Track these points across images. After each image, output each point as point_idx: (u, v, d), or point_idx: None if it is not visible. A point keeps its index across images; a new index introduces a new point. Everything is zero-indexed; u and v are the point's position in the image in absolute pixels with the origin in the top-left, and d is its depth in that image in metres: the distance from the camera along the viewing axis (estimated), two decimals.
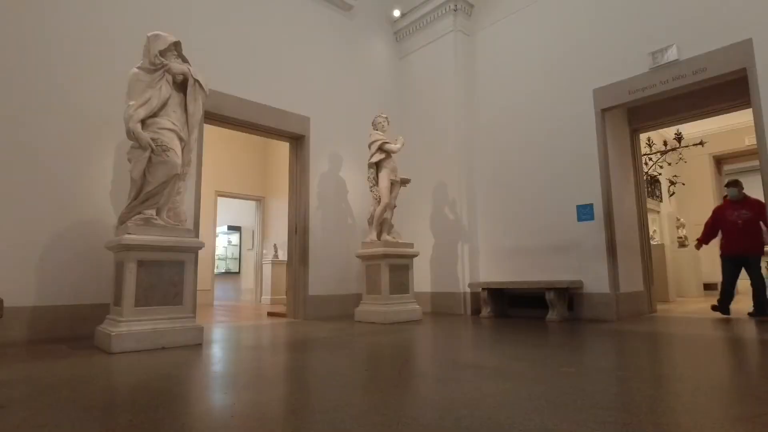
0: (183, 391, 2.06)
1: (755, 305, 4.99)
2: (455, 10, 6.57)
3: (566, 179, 5.42)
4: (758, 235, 5.12)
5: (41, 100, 4.01)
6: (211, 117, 5.05)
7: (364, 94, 6.77)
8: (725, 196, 5.55)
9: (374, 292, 5.22)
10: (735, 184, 5.39)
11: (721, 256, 5.32)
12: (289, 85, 5.87)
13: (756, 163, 6.14)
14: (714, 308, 5.25)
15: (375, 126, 5.63)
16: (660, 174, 9.47)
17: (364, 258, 5.39)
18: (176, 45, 3.74)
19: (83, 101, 4.22)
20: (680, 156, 8.64)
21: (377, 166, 5.49)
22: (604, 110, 5.21)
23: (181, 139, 3.62)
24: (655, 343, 3.30)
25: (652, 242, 7.14)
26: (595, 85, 5.27)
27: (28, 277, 3.82)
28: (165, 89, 3.56)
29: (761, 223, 5.14)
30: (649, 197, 8.32)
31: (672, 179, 9.41)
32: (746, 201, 5.29)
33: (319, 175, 6.07)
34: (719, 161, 10.02)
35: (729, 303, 5.16)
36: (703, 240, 5.71)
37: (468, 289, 6.01)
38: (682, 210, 10.00)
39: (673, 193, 9.58)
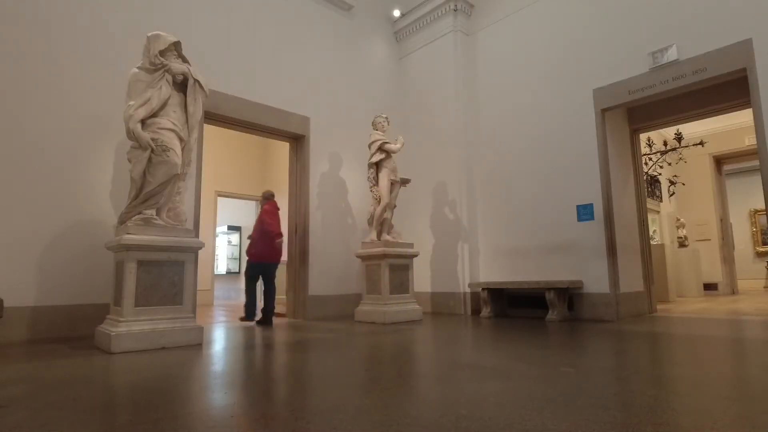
0: (183, 390, 2.06)
1: (263, 313, 5.09)
2: (455, 10, 6.56)
3: (566, 179, 5.41)
4: (258, 241, 5.17)
5: (41, 100, 4.01)
6: (211, 117, 5.05)
7: (364, 94, 6.77)
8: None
9: (374, 292, 5.22)
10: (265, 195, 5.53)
11: None
12: (289, 85, 5.87)
13: (756, 163, 6.14)
14: (242, 319, 5.15)
15: (375, 126, 5.63)
16: (660, 174, 9.46)
17: (364, 258, 5.39)
18: (176, 45, 3.75)
19: (83, 101, 4.22)
20: (680, 156, 8.62)
21: (377, 166, 5.49)
22: (604, 110, 5.21)
23: (181, 139, 3.62)
24: (655, 343, 3.30)
25: (652, 242, 7.14)
26: (595, 85, 5.26)
27: (28, 277, 3.82)
28: (165, 89, 3.56)
29: (272, 230, 5.10)
30: (649, 197, 8.31)
31: (672, 179, 9.40)
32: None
33: (319, 175, 6.07)
34: (719, 161, 10.01)
35: (253, 308, 5.15)
36: None
37: (468, 289, 6.01)
38: (682, 210, 10.00)
39: (673, 193, 9.57)
